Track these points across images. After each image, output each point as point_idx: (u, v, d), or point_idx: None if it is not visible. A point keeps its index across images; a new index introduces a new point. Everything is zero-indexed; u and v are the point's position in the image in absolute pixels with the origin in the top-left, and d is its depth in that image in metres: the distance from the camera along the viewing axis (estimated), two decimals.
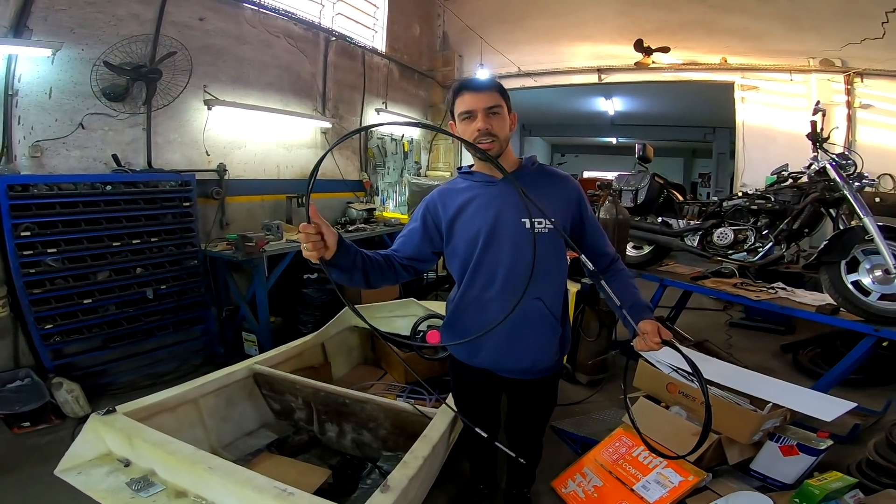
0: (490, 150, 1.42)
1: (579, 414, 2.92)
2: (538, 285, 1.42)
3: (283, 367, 2.51)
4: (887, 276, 2.59)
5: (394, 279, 1.51)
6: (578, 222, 1.52)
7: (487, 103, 1.42)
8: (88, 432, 1.61)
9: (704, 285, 3.44)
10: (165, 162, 3.65)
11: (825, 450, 1.88)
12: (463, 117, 1.45)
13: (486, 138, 1.42)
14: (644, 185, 3.70)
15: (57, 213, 2.80)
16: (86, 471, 1.52)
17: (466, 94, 1.44)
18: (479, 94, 1.43)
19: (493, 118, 1.43)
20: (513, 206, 1.45)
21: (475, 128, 1.42)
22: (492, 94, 1.44)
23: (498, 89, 1.46)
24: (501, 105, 1.44)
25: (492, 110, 1.42)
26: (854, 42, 5.24)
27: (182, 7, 3.69)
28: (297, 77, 4.88)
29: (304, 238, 1.19)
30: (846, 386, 3.07)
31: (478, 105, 1.42)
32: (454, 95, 1.47)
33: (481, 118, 1.41)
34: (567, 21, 6.64)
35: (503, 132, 1.45)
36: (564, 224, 1.49)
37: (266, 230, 3.92)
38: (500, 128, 1.44)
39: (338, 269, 1.30)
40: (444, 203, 1.54)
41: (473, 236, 1.47)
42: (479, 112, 1.42)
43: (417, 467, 1.53)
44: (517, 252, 1.43)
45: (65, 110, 3.07)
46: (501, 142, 1.44)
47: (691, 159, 14.37)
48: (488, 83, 1.47)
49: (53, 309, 2.82)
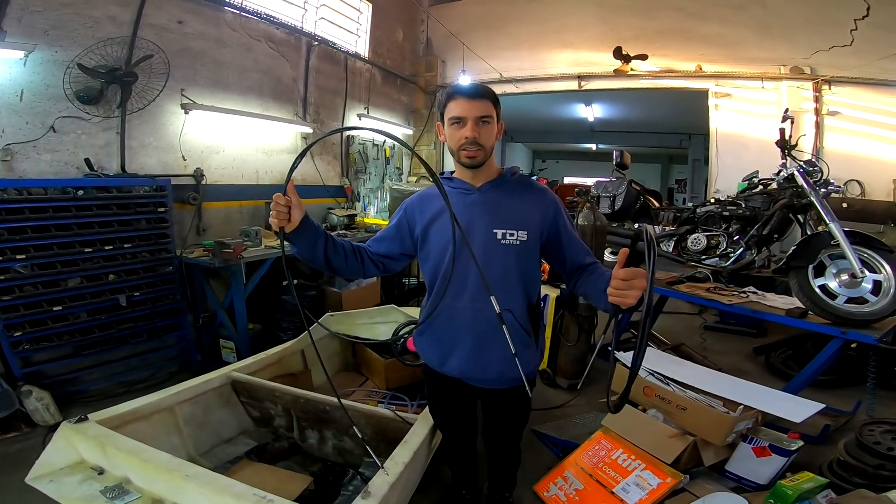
0: (475, 159, 1.44)
1: (560, 418, 2.95)
2: (508, 297, 1.43)
3: (262, 375, 2.49)
4: (853, 279, 2.68)
5: (359, 268, 1.56)
6: (555, 233, 1.53)
7: (479, 112, 1.42)
8: (60, 440, 1.58)
9: (679, 290, 3.51)
10: (140, 166, 3.58)
11: (796, 451, 1.94)
12: (452, 122, 1.45)
13: (473, 146, 1.43)
14: (621, 191, 3.77)
15: (26, 219, 2.73)
16: (58, 479, 1.49)
17: (460, 99, 1.44)
18: (472, 101, 1.43)
19: (483, 127, 1.43)
20: (486, 215, 1.46)
21: (463, 135, 1.43)
22: (485, 102, 1.44)
23: (491, 98, 1.46)
24: (492, 115, 1.45)
25: (482, 119, 1.43)
26: (822, 49, 5.43)
27: (161, 9, 3.64)
28: (278, 81, 4.84)
29: (273, 205, 1.31)
30: (817, 387, 3.16)
31: (469, 112, 1.42)
32: (447, 98, 1.47)
33: (471, 126, 1.42)
34: (548, 28, 6.73)
35: (490, 142, 1.46)
36: (540, 234, 1.50)
37: (244, 236, 3.88)
38: (487, 137, 1.45)
39: (298, 245, 1.41)
40: (422, 208, 1.56)
41: (445, 243, 1.47)
42: (470, 120, 1.42)
43: (398, 473, 1.53)
44: (487, 261, 1.42)
45: (36, 113, 3.00)
46: (487, 151, 1.46)
47: (668, 165, 14.68)
48: (483, 91, 1.46)
49: (22, 316, 2.75)
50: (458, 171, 1.58)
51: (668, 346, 3.82)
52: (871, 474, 1.95)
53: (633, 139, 11.85)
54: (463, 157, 1.47)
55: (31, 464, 1.55)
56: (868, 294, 2.67)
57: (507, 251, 1.45)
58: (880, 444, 2.04)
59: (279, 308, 4.06)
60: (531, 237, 1.47)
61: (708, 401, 2.11)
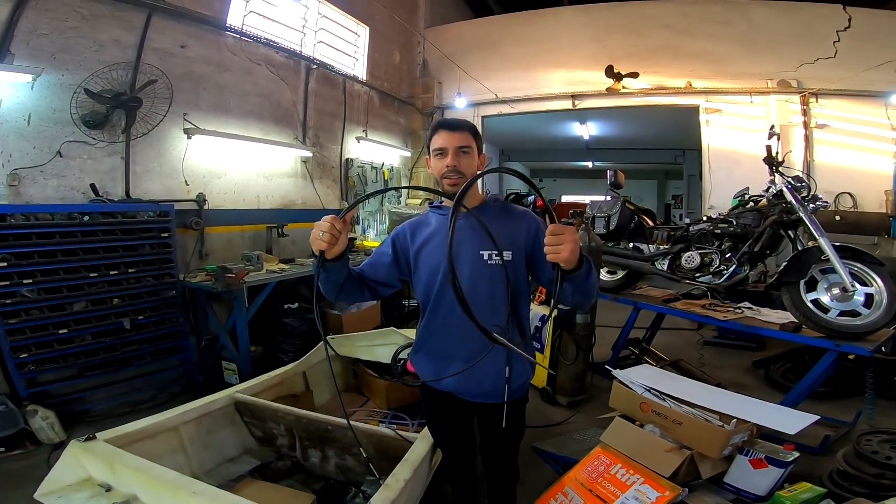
0: (456, 186, 1.54)
1: (560, 435, 2.96)
2: (496, 314, 1.50)
3: (265, 396, 2.51)
4: (845, 293, 2.73)
5: (359, 296, 1.65)
6: (537, 250, 1.56)
7: (459, 143, 1.55)
8: (68, 458, 1.62)
9: (676, 307, 3.56)
10: (144, 191, 3.65)
11: (792, 462, 1.96)
12: (436, 153, 1.58)
13: (454, 174, 1.55)
14: (615, 211, 3.83)
15: (33, 244, 2.79)
16: (66, 495, 1.52)
17: (442, 132, 1.58)
18: (452, 133, 1.56)
19: (462, 157, 1.56)
20: (473, 239, 1.55)
21: (445, 164, 1.55)
22: (464, 134, 1.57)
23: (471, 131, 1.60)
24: (471, 146, 1.58)
25: (462, 149, 1.56)
26: (808, 62, 5.57)
27: (164, 34, 3.74)
28: (278, 105, 4.94)
29: (325, 227, 1.32)
30: (817, 398, 3.19)
31: (450, 144, 1.55)
32: (432, 132, 1.61)
33: (451, 155, 1.55)
34: (542, 48, 6.88)
35: (469, 170, 1.57)
36: (524, 252, 1.58)
37: (246, 261, 3.93)
38: (467, 166, 1.56)
39: (330, 272, 1.43)
40: (413, 234, 1.66)
41: (435, 266, 1.57)
42: (451, 150, 1.55)
43: (399, 490, 1.56)
44: (475, 282, 1.52)
45: (43, 138, 3.06)
46: (466, 178, 1.53)
47: (664, 181, 14.83)
48: (461, 124, 1.60)
49: (29, 339, 2.79)
50: (447, 200, 1.67)
51: (668, 362, 3.85)
52: (871, 483, 1.98)
53: (628, 156, 12.01)
54: (446, 185, 1.57)
55: (37, 480, 1.59)
56: (860, 307, 2.72)
57: (493, 271, 1.53)
58: (878, 453, 2.07)
59: (281, 331, 4.09)
60: (516, 256, 1.56)
61: (703, 415, 2.13)
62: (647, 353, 4.13)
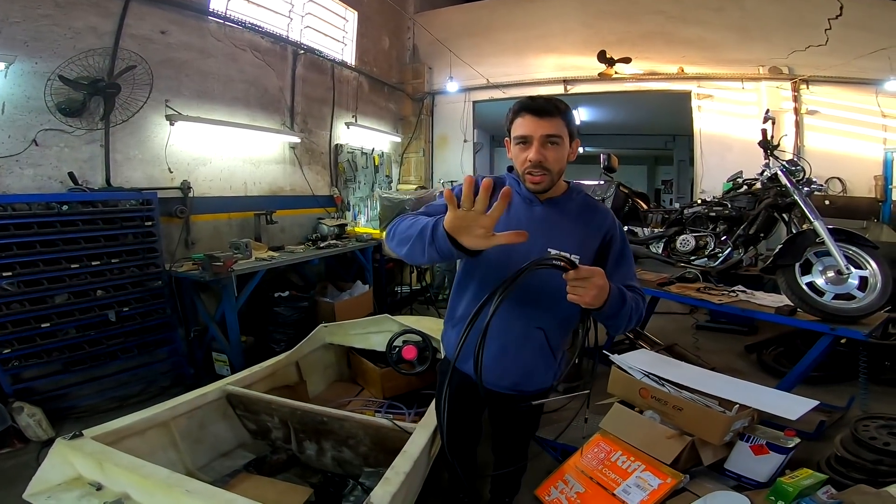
0: (539, 184, 1.34)
1: (557, 422, 2.94)
2: (542, 316, 1.40)
3: (258, 387, 2.47)
4: (840, 276, 2.73)
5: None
6: (605, 257, 1.44)
7: (546, 131, 1.29)
8: (55, 456, 1.57)
9: (670, 291, 3.55)
10: (125, 180, 3.52)
11: (793, 448, 1.96)
12: (517, 141, 1.34)
13: (538, 171, 1.32)
14: (609, 195, 3.81)
15: (11, 235, 2.67)
16: (56, 495, 1.47)
17: (527, 116, 1.31)
18: (539, 119, 1.29)
19: (550, 149, 1.31)
20: (544, 233, 1.37)
21: (527, 156, 1.31)
22: (554, 121, 1.29)
23: (563, 115, 1.31)
24: (562, 135, 1.31)
25: (550, 139, 1.30)
26: (799, 49, 5.56)
27: (143, 20, 3.60)
28: (265, 91, 4.81)
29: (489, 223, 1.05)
30: (809, 384, 3.20)
31: (535, 131, 1.29)
32: (514, 115, 1.35)
33: (536, 148, 1.30)
34: (533, 34, 6.80)
35: (558, 165, 1.33)
36: (591, 258, 1.42)
37: (234, 249, 3.84)
38: (555, 160, 1.32)
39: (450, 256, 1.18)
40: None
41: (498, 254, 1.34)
42: (536, 140, 1.29)
43: (399, 483, 1.52)
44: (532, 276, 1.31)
45: (18, 126, 2.94)
46: (554, 175, 1.34)
47: (654, 167, 14.86)
48: (553, 107, 1.30)
49: (10, 334, 2.70)
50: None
51: (662, 347, 3.85)
52: (870, 469, 1.98)
53: (619, 142, 11.98)
54: (528, 182, 1.36)
55: (26, 479, 1.55)
56: (855, 290, 2.72)
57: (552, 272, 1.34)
58: (876, 439, 2.08)
59: (272, 320, 4.02)
60: (583, 261, 1.36)
61: (703, 401, 2.12)
62: (642, 338, 4.13)
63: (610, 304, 1.19)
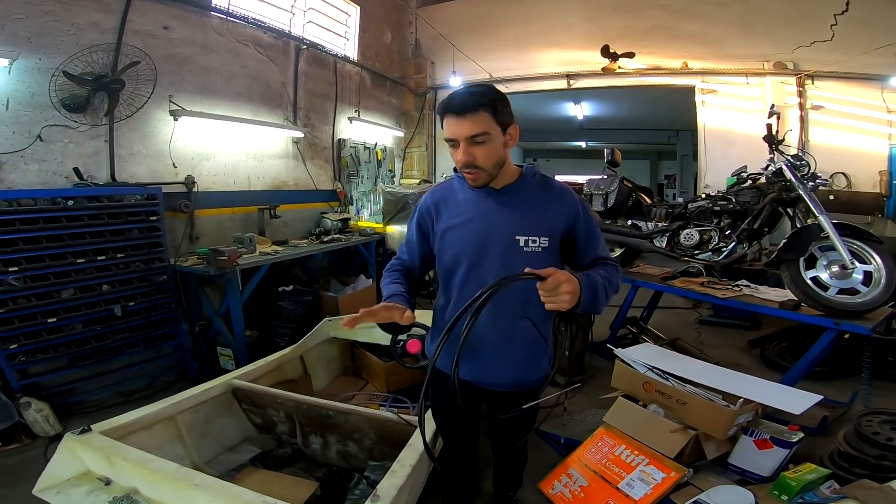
0: (477, 181, 1.34)
1: (561, 416, 2.96)
2: (526, 307, 1.39)
3: (263, 381, 2.47)
4: (844, 271, 2.73)
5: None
6: (573, 235, 1.45)
7: (469, 132, 1.25)
8: (64, 451, 1.58)
9: (674, 285, 3.55)
10: (130, 175, 3.54)
11: (797, 442, 1.97)
12: (448, 143, 1.33)
13: (470, 169, 1.31)
14: (613, 189, 3.80)
15: (17, 230, 2.68)
16: (65, 490, 1.49)
17: (449, 118, 1.28)
18: (461, 119, 1.25)
19: (478, 147, 1.28)
20: (507, 221, 1.38)
21: (457, 158, 1.31)
22: (476, 118, 1.25)
23: (487, 107, 1.25)
24: (488, 131, 1.26)
25: (475, 139, 1.26)
26: (804, 45, 5.52)
27: (145, 15, 3.60)
28: (267, 86, 4.81)
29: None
30: (812, 378, 3.20)
31: (459, 134, 1.27)
32: (441, 116, 1.32)
33: (463, 149, 1.28)
34: (534, 28, 6.78)
35: (489, 161, 1.30)
36: (561, 238, 1.43)
37: (238, 243, 3.85)
38: (485, 156, 1.29)
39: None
40: (438, 210, 1.49)
41: (461, 250, 1.42)
42: (462, 142, 1.27)
43: (406, 476, 1.53)
44: (506, 271, 1.33)
45: (22, 122, 2.95)
46: (489, 171, 1.32)
47: (657, 161, 14.82)
48: (472, 104, 1.25)
49: (17, 328, 2.71)
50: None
51: (665, 342, 3.85)
52: (873, 464, 1.98)
53: (621, 136, 11.96)
54: (468, 180, 1.37)
55: (34, 475, 1.55)
56: (859, 285, 2.72)
57: (529, 258, 1.35)
58: (879, 434, 2.07)
59: (275, 314, 4.03)
60: (552, 243, 1.40)
61: (707, 395, 2.13)
62: (645, 332, 4.14)
63: (584, 300, 1.22)
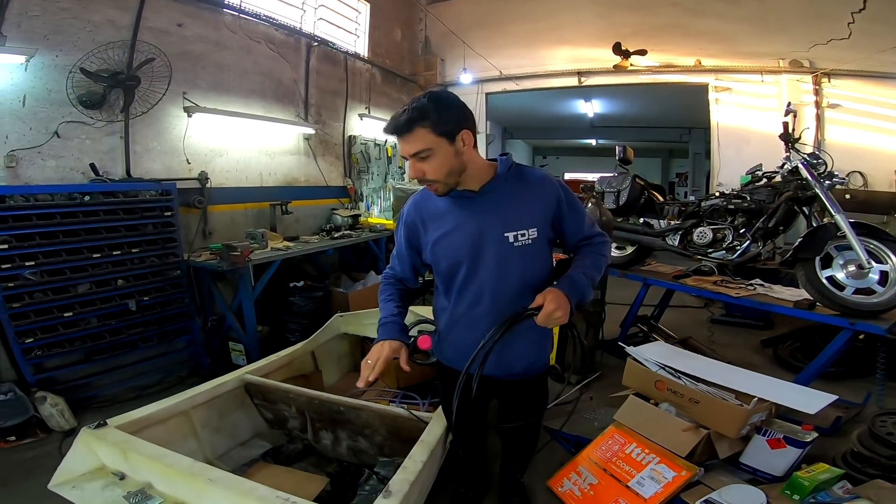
0: (438, 191, 1.37)
1: (570, 414, 2.95)
2: (525, 296, 1.40)
3: (274, 377, 2.49)
4: (860, 270, 2.69)
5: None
6: (558, 219, 1.48)
7: (411, 150, 1.30)
8: (80, 446, 1.60)
9: (686, 283, 3.52)
10: (145, 171, 3.58)
11: (811, 442, 1.95)
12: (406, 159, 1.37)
13: (426, 183, 1.36)
14: (625, 186, 3.77)
15: (34, 225, 2.73)
16: (80, 485, 1.51)
17: (395, 137, 1.32)
18: (402, 140, 1.30)
19: (425, 162, 1.31)
20: (495, 221, 1.40)
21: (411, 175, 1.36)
22: (412, 137, 1.28)
23: (422, 123, 1.26)
24: (430, 146, 1.28)
25: (419, 156, 1.30)
26: (821, 43, 5.43)
27: (160, 13, 3.63)
28: (279, 83, 4.84)
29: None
30: (826, 379, 3.16)
31: (405, 152, 1.32)
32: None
33: (411, 165, 1.33)
34: (545, 26, 6.74)
35: (440, 173, 1.32)
36: (547, 227, 1.47)
37: (250, 238, 3.89)
38: (434, 171, 1.31)
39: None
40: (423, 220, 1.51)
41: (456, 258, 1.45)
42: (409, 159, 1.33)
43: (417, 471, 1.54)
44: (502, 270, 1.41)
45: (39, 119, 2.99)
46: (444, 181, 1.34)
47: (668, 159, 14.67)
48: (405, 123, 1.27)
49: (33, 323, 2.75)
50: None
51: (676, 341, 3.82)
52: (886, 465, 1.96)
53: (633, 134, 11.86)
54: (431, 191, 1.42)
55: (49, 469, 1.57)
56: (875, 285, 2.67)
57: (521, 253, 1.41)
58: (893, 435, 2.05)
59: (287, 310, 4.06)
60: (541, 232, 1.44)
61: (720, 394, 2.11)
62: (656, 331, 4.11)
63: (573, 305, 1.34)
